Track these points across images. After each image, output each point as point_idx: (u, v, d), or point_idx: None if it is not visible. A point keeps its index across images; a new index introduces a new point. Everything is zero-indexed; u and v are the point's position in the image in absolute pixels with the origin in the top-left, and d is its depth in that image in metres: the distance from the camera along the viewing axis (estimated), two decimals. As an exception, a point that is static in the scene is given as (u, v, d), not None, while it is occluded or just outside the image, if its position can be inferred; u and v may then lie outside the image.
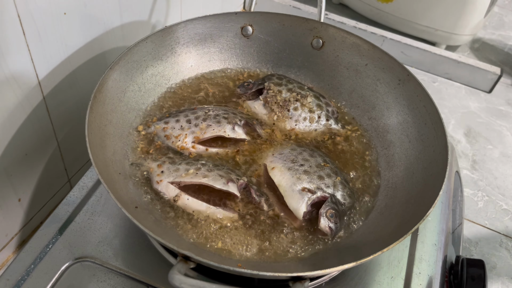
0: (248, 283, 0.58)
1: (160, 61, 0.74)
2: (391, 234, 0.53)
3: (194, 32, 0.77)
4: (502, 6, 1.86)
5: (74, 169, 0.86)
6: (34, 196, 0.77)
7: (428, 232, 0.68)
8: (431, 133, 0.65)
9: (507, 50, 1.62)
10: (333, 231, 0.58)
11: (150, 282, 0.58)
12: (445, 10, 1.45)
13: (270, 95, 0.73)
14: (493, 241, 1.03)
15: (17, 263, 0.58)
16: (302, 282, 0.47)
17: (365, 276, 0.61)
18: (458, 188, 0.82)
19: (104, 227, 0.63)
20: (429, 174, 0.61)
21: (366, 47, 0.76)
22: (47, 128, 0.74)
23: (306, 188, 0.60)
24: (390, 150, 0.69)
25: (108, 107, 0.64)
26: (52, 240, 0.61)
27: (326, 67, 0.80)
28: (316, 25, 0.79)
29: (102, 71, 0.64)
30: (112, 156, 0.61)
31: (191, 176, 0.59)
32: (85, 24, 0.73)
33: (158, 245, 0.61)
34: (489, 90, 1.43)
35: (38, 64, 0.67)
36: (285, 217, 0.60)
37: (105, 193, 0.66)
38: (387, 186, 0.65)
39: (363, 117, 0.75)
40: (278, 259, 0.56)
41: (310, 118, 0.72)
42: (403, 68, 0.71)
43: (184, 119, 0.68)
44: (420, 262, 0.64)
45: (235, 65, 0.82)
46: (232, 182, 0.60)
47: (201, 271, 0.58)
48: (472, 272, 0.63)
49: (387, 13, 1.55)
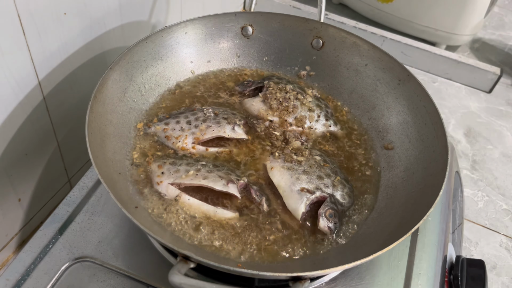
0: (248, 283, 0.58)
1: (160, 61, 0.74)
2: (391, 234, 0.53)
3: (194, 32, 0.77)
4: (502, 6, 1.86)
5: (74, 169, 0.86)
6: (34, 196, 0.77)
7: (428, 232, 0.68)
8: (431, 133, 0.65)
9: (507, 50, 1.62)
10: (332, 230, 0.58)
11: (150, 282, 0.58)
12: (445, 10, 1.45)
13: (269, 92, 0.73)
14: (493, 241, 1.03)
15: (17, 263, 0.58)
16: (302, 282, 0.47)
17: (365, 276, 0.61)
18: (458, 188, 0.82)
19: (104, 227, 0.63)
20: (429, 174, 0.61)
21: (366, 47, 0.76)
22: (47, 128, 0.74)
23: (305, 188, 0.60)
24: (390, 150, 0.69)
25: (108, 107, 0.64)
26: (52, 240, 0.61)
27: (326, 67, 0.80)
28: (316, 25, 0.79)
29: (102, 71, 0.64)
30: (112, 156, 0.61)
31: (191, 177, 0.59)
32: (85, 24, 0.73)
33: (158, 245, 0.61)
34: (489, 90, 1.43)
35: (38, 64, 0.67)
36: (285, 217, 0.60)
37: (105, 193, 0.66)
38: (387, 186, 0.65)
39: (363, 117, 0.75)
40: (278, 259, 0.56)
41: (309, 117, 0.71)
42: (403, 68, 0.71)
43: (184, 120, 0.68)
44: (420, 262, 0.64)
45: (235, 65, 0.82)
46: (232, 183, 0.60)
47: (201, 271, 0.58)
48: (472, 272, 0.63)
49: (387, 13, 1.56)
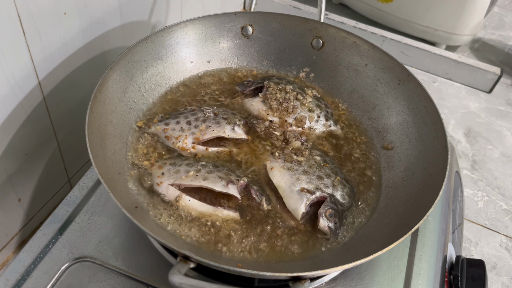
0: (248, 283, 0.58)
1: (160, 61, 0.74)
2: (391, 234, 0.53)
3: (194, 32, 0.77)
4: (502, 6, 1.86)
5: (74, 169, 0.86)
6: (34, 196, 0.77)
7: (428, 232, 0.68)
8: (431, 133, 0.65)
9: (507, 50, 1.62)
10: (332, 230, 0.58)
11: (150, 282, 0.58)
12: (445, 10, 1.45)
13: (269, 92, 0.73)
14: (493, 241, 1.03)
15: (17, 263, 0.58)
16: (302, 282, 0.47)
17: (365, 276, 0.61)
18: (458, 188, 0.82)
19: (104, 227, 0.63)
20: (429, 174, 0.61)
21: (366, 47, 0.76)
22: (47, 128, 0.74)
23: (305, 189, 0.60)
24: (390, 150, 0.69)
25: (108, 107, 0.64)
26: (52, 240, 0.61)
27: (326, 67, 0.80)
28: (316, 25, 0.79)
29: (102, 71, 0.64)
30: (112, 156, 0.61)
31: (191, 178, 0.59)
32: (85, 24, 0.73)
33: (158, 245, 0.61)
34: (489, 90, 1.42)
35: (38, 64, 0.67)
36: (285, 217, 0.60)
37: (105, 193, 0.66)
38: (387, 186, 0.65)
39: (363, 117, 0.75)
40: (278, 259, 0.56)
41: (309, 117, 0.71)
42: (403, 68, 0.71)
43: (184, 121, 0.68)
44: (420, 262, 0.64)
45: (235, 65, 0.82)
46: (232, 184, 0.60)
47: (201, 271, 0.58)
48: (472, 272, 0.63)
49: (387, 13, 1.55)
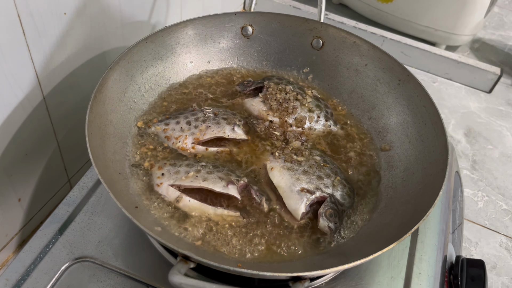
0: (248, 283, 0.58)
1: (160, 61, 0.74)
2: (391, 234, 0.53)
3: (194, 32, 0.77)
4: (502, 6, 1.86)
5: (74, 169, 0.86)
6: (34, 196, 0.77)
7: (428, 232, 0.68)
8: (431, 133, 0.65)
9: (507, 50, 1.62)
10: (332, 230, 0.58)
11: (150, 282, 0.58)
12: (445, 10, 1.45)
13: (270, 93, 0.73)
14: (493, 241, 1.03)
15: (17, 263, 0.58)
16: (302, 282, 0.47)
17: (365, 276, 0.61)
18: (458, 188, 0.82)
19: (104, 227, 0.63)
20: (429, 174, 0.61)
21: (366, 47, 0.76)
22: (47, 128, 0.74)
23: (305, 189, 0.60)
24: (390, 150, 0.69)
25: (108, 107, 0.64)
26: (52, 240, 0.61)
27: (326, 67, 0.80)
28: (316, 25, 0.79)
29: (102, 71, 0.64)
30: (112, 156, 0.61)
31: (191, 179, 0.59)
32: (85, 24, 0.73)
33: (158, 245, 0.61)
34: (489, 90, 1.42)
35: (38, 64, 0.67)
36: (285, 217, 0.60)
37: (105, 193, 0.66)
38: (387, 186, 0.65)
39: (363, 117, 0.75)
40: (278, 259, 0.56)
41: (309, 117, 0.71)
42: (403, 68, 0.71)
43: (184, 121, 0.68)
44: (420, 262, 0.64)
45: (235, 65, 0.82)
46: (232, 184, 0.60)
47: (201, 271, 0.58)
48: (472, 272, 0.63)
49: (387, 13, 1.55)
